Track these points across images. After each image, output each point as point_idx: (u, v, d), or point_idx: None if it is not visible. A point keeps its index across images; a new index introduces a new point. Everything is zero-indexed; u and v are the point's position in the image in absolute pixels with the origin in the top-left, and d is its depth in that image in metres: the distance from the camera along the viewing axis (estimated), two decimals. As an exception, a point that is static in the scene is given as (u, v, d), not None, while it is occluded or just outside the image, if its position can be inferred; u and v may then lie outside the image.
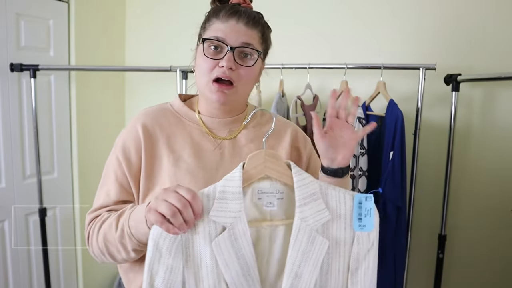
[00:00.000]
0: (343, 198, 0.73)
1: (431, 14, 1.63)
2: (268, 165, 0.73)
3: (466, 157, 1.61)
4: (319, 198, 0.72)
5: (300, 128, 1.01)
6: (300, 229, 0.70)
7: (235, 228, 0.69)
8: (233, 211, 0.70)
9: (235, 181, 0.71)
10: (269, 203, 0.73)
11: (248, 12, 0.85)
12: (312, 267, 0.70)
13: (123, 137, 0.88)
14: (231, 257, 0.69)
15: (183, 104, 0.93)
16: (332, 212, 0.72)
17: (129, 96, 2.41)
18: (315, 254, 0.70)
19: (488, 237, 1.59)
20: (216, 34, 0.82)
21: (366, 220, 0.72)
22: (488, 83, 1.55)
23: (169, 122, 0.89)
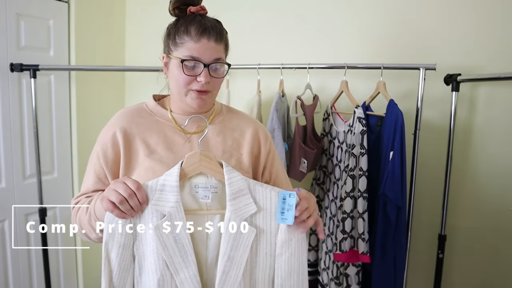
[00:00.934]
0: (269, 194, 0.86)
1: (431, 14, 1.63)
2: (203, 164, 0.86)
3: (466, 157, 1.61)
4: (247, 193, 0.85)
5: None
6: (231, 219, 0.83)
7: (172, 216, 0.82)
8: (171, 201, 0.82)
9: (173, 176, 0.83)
10: (205, 196, 0.87)
11: (213, 27, 0.95)
12: (242, 251, 0.84)
13: (103, 135, 1.01)
14: (169, 240, 0.82)
15: (157, 103, 1.05)
16: (258, 206, 0.85)
17: (129, 96, 2.41)
18: (245, 240, 0.84)
19: (488, 237, 1.59)
20: (192, 54, 0.93)
21: (288, 214, 0.83)
22: (488, 83, 1.55)
23: (144, 120, 1.01)
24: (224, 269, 0.82)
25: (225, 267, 0.82)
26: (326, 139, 1.68)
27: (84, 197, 0.99)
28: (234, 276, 0.83)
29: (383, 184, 1.42)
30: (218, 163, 0.88)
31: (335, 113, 1.64)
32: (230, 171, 0.85)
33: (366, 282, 1.57)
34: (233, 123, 1.06)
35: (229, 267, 0.83)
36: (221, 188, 0.87)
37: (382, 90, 1.54)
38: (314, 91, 1.70)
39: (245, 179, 0.86)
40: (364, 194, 1.47)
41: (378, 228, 1.48)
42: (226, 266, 0.83)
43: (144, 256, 0.84)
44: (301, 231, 0.87)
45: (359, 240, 1.47)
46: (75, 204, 1.00)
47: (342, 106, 1.70)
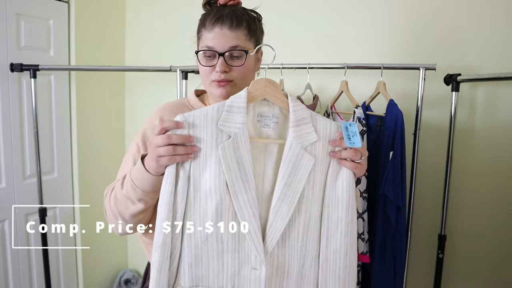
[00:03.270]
0: (329, 125, 0.86)
1: (431, 14, 1.63)
2: (268, 90, 0.85)
3: (466, 157, 1.61)
4: (309, 122, 0.84)
5: None
6: (292, 146, 0.82)
7: (238, 137, 0.81)
8: (238, 123, 0.81)
9: (241, 98, 0.82)
10: (266, 125, 0.86)
11: (231, 14, 0.93)
12: (299, 179, 0.82)
13: (144, 128, 1.01)
14: (232, 162, 0.80)
15: (198, 99, 1.05)
16: (319, 135, 0.84)
17: (129, 96, 2.41)
18: (303, 168, 0.83)
19: (488, 237, 1.59)
20: (206, 44, 0.92)
21: (354, 139, 0.83)
22: (488, 83, 1.55)
23: None
24: (280, 195, 0.81)
25: (281, 194, 0.81)
26: (326, 139, 1.67)
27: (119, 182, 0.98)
28: (288, 204, 0.82)
29: (383, 184, 1.42)
30: (282, 92, 0.87)
31: (335, 113, 1.64)
32: (295, 99, 0.85)
33: (366, 282, 1.57)
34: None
35: (285, 194, 0.81)
36: (282, 119, 0.86)
37: (382, 90, 1.54)
38: (314, 91, 1.70)
39: (307, 109, 0.85)
40: (364, 194, 1.47)
41: (378, 228, 1.48)
42: (282, 193, 0.81)
43: (201, 180, 0.81)
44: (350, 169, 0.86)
45: (359, 240, 1.47)
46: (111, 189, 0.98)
47: (342, 106, 1.70)
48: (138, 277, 2.49)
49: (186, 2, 2.11)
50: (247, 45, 0.95)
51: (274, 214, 0.81)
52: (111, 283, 2.47)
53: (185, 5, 2.12)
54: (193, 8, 1.10)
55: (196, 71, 1.90)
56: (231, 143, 0.80)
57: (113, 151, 2.37)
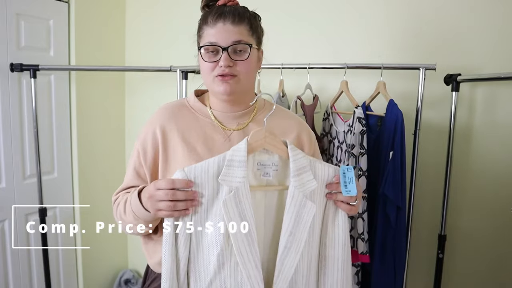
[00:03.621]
0: (327, 170, 0.89)
1: (431, 14, 1.63)
2: (268, 141, 0.87)
3: (466, 157, 1.61)
4: (309, 170, 0.86)
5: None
6: (294, 196, 0.84)
7: (239, 191, 0.82)
8: (238, 177, 0.83)
9: (241, 151, 0.84)
10: (266, 173, 0.89)
11: (232, 10, 0.93)
12: (303, 227, 0.85)
13: (144, 133, 1.01)
14: (235, 216, 0.82)
15: (197, 99, 1.04)
16: (318, 181, 0.87)
17: (129, 96, 2.41)
18: (306, 215, 0.85)
19: (488, 237, 1.59)
20: (209, 40, 0.92)
21: (350, 186, 0.86)
22: (488, 83, 1.55)
23: (184, 118, 1.01)
24: (286, 244, 0.83)
25: (287, 242, 0.83)
26: (326, 139, 1.68)
27: (123, 193, 1.01)
28: (295, 252, 0.84)
29: (383, 184, 1.42)
30: (281, 141, 0.89)
31: (335, 113, 1.64)
32: (294, 148, 0.87)
33: (366, 282, 1.57)
34: (276, 122, 1.00)
35: (291, 242, 0.83)
36: (281, 166, 0.89)
37: (382, 90, 1.54)
38: (314, 91, 1.70)
39: (306, 157, 0.88)
40: (363, 194, 1.47)
41: (378, 228, 1.48)
42: (288, 242, 0.83)
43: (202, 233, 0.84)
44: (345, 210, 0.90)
45: (359, 240, 1.47)
46: (114, 200, 1.02)
47: (342, 106, 1.70)
48: (138, 277, 2.49)
49: (186, 2, 2.11)
50: (250, 40, 0.95)
51: (281, 264, 0.84)
52: (111, 283, 2.47)
53: (185, 5, 2.12)
54: (193, 8, 1.10)
55: (197, 71, 1.90)
56: (232, 197, 0.82)
57: (113, 151, 2.37)
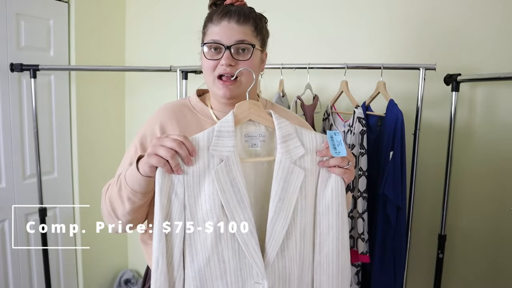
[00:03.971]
0: (314, 137, 0.89)
1: (431, 14, 1.63)
2: (252, 111, 0.89)
3: (466, 157, 1.61)
4: (295, 137, 0.87)
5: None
6: (281, 162, 0.85)
7: (229, 160, 0.84)
8: (228, 146, 0.84)
9: (228, 122, 0.85)
10: (254, 144, 0.90)
11: (238, 10, 0.93)
12: (292, 192, 0.86)
13: (143, 130, 1.00)
14: (226, 184, 0.83)
15: (199, 99, 1.03)
16: (306, 148, 0.88)
17: (129, 96, 2.41)
18: (294, 181, 0.86)
19: (488, 237, 1.59)
20: (213, 37, 0.91)
21: (340, 148, 0.87)
22: (488, 83, 1.55)
23: (185, 118, 1.00)
24: (275, 210, 0.84)
25: (276, 208, 0.84)
26: (326, 139, 1.68)
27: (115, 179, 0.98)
28: (284, 217, 0.85)
29: (383, 184, 1.42)
30: (266, 111, 0.90)
31: (335, 113, 1.64)
32: (278, 117, 0.88)
33: (366, 282, 1.57)
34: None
35: (280, 208, 0.84)
36: (268, 136, 0.90)
37: (382, 90, 1.54)
38: (314, 91, 1.70)
39: (291, 125, 0.88)
40: (364, 194, 1.47)
41: (378, 228, 1.48)
42: (277, 207, 0.84)
43: (197, 204, 0.84)
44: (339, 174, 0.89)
45: (359, 240, 1.47)
46: (107, 187, 0.98)
47: (342, 106, 1.70)
48: (138, 277, 2.49)
49: (186, 2, 2.11)
50: (253, 41, 0.94)
51: (271, 228, 0.85)
52: (111, 283, 2.47)
53: (185, 5, 2.12)
54: (193, 8, 1.10)
55: (198, 71, 1.90)
56: (223, 166, 0.83)
57: (113, 151, 2.37)
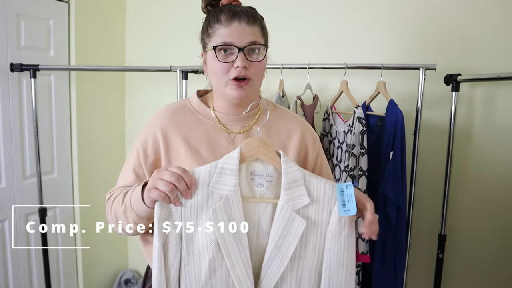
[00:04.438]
0: (323, 186, 0.85)
1: (431, 14, 1.63)
2: (261, 150, 0.85)
3: (466, 157, 1.61)
4: (302, 185, 0.84)
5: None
6: (283, 209, 0.83)
7: (230, 199, 0.81)
8: (229, 185, 0.82)
9: (233, 160, 0.82)
10: (260, 184, 0.85)
11: (244, 10, 0.91)
12: (290, 241, 0.83)
13: (144, 133, 0.98)
14: (224, 224, 0.81)
15: (200, 101, 1.01)
16: (311, 198, 0.84)
17: (129, 96, 2.41)
18: (294, 230, 0.83)
19: (488, 237, 1.59)
20: (224, 39, 0.89)
21: (349, 205, 0.82)
22: (488, 83, 1.55)
23: (186, 120, 0.98)
24: (270, 255, 0.83)
25: (271, 254, 0.83)
26: (326, 139, 1.68)
27: (119, 189, 0.97)
28: (278, 264, 0.83)
29: (383, 184, 1.42)
30: (275, 151, 0.86)
31: (335, 113, 1.64)
32: (287, 161, 0.84)
33: (366, 282, 1.57)
34: (279, 123, 1.01)
35: (275, 255, 0.83)
36: (276, 177, 0.86)
37: (382, 90, 1.54)
38: (314, 91, 1.70)
39: (301, 170, 0.84)
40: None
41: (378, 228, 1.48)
42: (272, 253, 0.83)
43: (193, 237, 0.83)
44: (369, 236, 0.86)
45: (359, 240, 1.47)
46: (109, 197, 0.98)
47: (342, 106, 1.70)
48: (138, 277, 2.49)
49: (186, 2, 2.11)
50: (262, 41, 0.93)
51: (265, 271, 0.84)
52: (111, 283, 2.47)
53: (185, 5, 2.12)
54: (193, 8, 1.10)
55: (199, 71, 1.90)
56: (222, 205, 0.81)
57: (113, 151, 2.37)
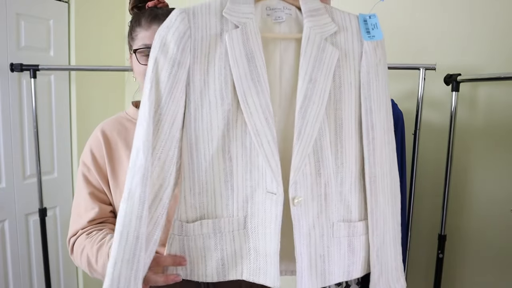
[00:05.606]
0: (348, 16, 0.74)
1: (431, 13, 1.63)
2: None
3: (466, 157, 1.61)
4: (324, 13, 0.72)
5: None
6: (310, 37, 0.68)
7: (247, 27, 0.67)
8: (245, 12, 0.68)
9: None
10: (278, 17, 0.71)
11: (166, 13, 0.89)
12: (325, 74, 0.68)
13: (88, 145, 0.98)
14: (241, 56, 0.65)
15: (137, 110, 0.99)
16: (338, 25, 0.72)
17: (129, 96, 2.41)
18: (327, 61, 0.68)
19: (488, 237, 1.59)
20: (144, 42, 0.88)
21: (375, 31, 0.73)
22: (488, 83, 1.55)
23: (126, 128, 0.97)
24: (306, 93, 0.66)
25: (307, 90, 0.66)
26: (326, 139, 1.67)
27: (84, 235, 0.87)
28: (318, 102, 0.67)
29: (383, 184, 1.42)
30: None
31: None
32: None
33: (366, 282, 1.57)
34: None
35: (312, 90, 0.66)
36: (295, 12, 0.72)
37: (382, 90, 1.53)
38: (314, 91, 1.70)
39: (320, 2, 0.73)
40: (364, 194, 1.47)
41: (378, 228, 1.48)
42: (308, 89, 0.66)
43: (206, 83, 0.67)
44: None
45: (359, 240, 1.47)
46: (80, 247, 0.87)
47: (342, 106, 1.70)
48: (138, 277, 2.49)
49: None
50: None
51: (301, 118, 0.65)
52: (111, 283, 2.47)
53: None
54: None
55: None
56: (239, 33, 0.66)
57: (113, 151, 2.37)
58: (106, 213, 0.92)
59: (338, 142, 0.69)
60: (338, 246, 0.70)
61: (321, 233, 0.69)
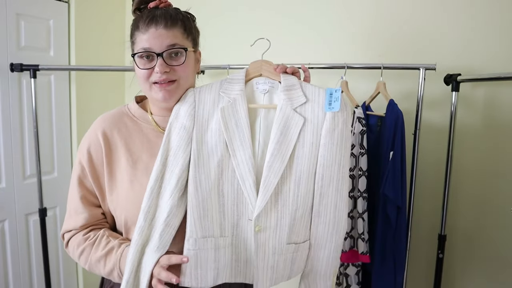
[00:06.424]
0: (317, 91, 0.96)
1: (431, 14, 1.63)
2: (264, 67, 0.97)
3: (466, 157, 1.61)
4: (298, 88, 0.95)
5: None
6: (282, 107, 0.92)
7: (236, 102, 0.92)
8: (236, 90, 0.93)
9: (240, 74, 0.96)
10: (264, 89, 0.96)
11: (163, 14, 0.90)
12: (290, 137, 0.91)
13: (88, 141, 0.98)
14: (231, 123, 0.90)
15: (138, 106, 1.03)
16: (308, 98, 0.94)
17: (129, 96, 2.41)
18: (293, 127, 0.91)
19: (488, 237, 1.59)
20: (142, 46, 0.89)
21: (335, 104, 0.91)
22: (488, 83, 1.55)
23: (126, 126, 0.99)
24: (273, 152, 0.89)
25: (274, 150, 0.89)
26: (326, 139, 1.68)
27: (81, 235, 0.94)
28: (280, 160, 0.89)
29: (383, 184, 1.42)
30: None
31: (335, 113, 1.64)
32: (287, 74, 0.97)
33: (366, 282, 1.57)
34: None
35: (277, 150, 0.89)
36: (277, 85, 0.97)
37: (382, 90, 1.54)
38: (314, 91, 1.70)
39: (298, 80, 0.97)
40: (364, 194, 1.47)
41: (378, 228, 1.48)
42: (275, 149, 0.89)
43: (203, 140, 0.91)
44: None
45: (359, 240, 1.47)
46: (79, 248, 0.94)
47: (342, 106, 1.70)
48: (138, 277, 2.49)
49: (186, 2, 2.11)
50: (185, 43, 0.92)
51: (268, 170, 0.89)
52: (111, 283, 2.47)
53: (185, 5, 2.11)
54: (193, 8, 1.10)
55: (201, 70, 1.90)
56: (230, 106, 0.91)
57: (113, 151, 2.37)
58: (97, 216, 0.96)
59: (296, 187, 0.91)
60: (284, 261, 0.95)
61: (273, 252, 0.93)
